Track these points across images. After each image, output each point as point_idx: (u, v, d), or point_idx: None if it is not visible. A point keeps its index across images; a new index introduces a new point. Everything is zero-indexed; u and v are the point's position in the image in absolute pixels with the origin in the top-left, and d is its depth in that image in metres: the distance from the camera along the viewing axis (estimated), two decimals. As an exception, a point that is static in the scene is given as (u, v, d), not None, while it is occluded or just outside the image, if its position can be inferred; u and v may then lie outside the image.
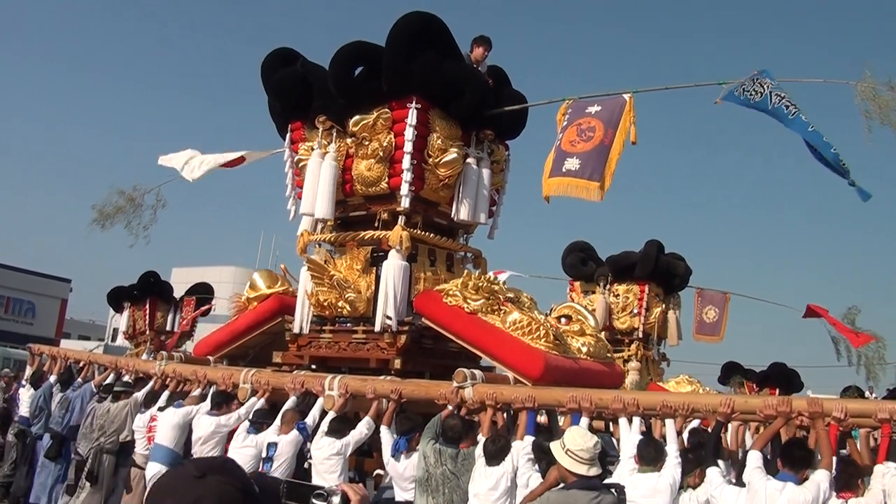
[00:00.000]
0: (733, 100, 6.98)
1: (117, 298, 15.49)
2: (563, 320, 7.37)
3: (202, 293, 15.61)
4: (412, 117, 7.48)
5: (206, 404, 7.26)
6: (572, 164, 7.04)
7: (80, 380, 9.28)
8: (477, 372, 6.35)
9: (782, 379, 15.42)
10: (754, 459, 4.71)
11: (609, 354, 7.51)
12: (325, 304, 7.71)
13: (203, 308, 14.52)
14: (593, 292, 14.27)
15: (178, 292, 15.68)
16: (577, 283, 14.76)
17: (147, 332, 14.84)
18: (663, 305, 14.46)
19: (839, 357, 15.50)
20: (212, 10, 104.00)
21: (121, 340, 16.37)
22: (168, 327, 15.11)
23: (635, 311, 14.06)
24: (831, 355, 15.30)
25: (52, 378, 9.62)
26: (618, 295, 14.09)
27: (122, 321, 15.48)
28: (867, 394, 16.45)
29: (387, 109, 7.65)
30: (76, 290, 35.26)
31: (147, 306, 14.88)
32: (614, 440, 5.46)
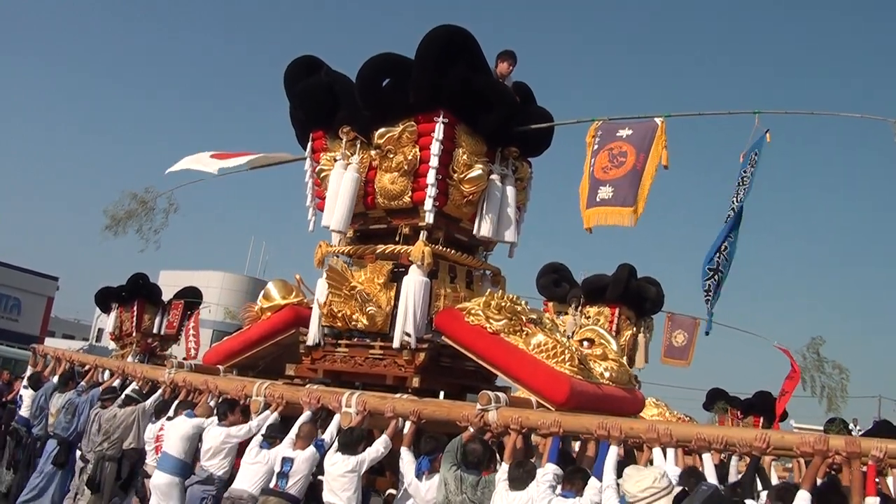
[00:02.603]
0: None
1: (105, 299, 15.28)
2: (585, 344, 7.28)
3: (191, 297, 15.43)
4: (438, 131, 7.38)
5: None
6: (606, 192, 6.99)
7: (83, 383, 9.03)
8: (501, 395, 6.20)
9: (767, 407, 15.51)
10: (804, 500, 4.49)
11: (631, 380, 7.43)
12: (339, 315, 7.54)
13: (196, 316, 14.35)
14: (566, 313, 14.25)
15: (166, 296, 15.51)
16: (550, 304, 14.73)
17: (134, 334, 14.64)
18: (634, 329, 14.47)
19: (804, 387, 15.83)
20: (213, 12, 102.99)
21: (106, 341, 16.12)
22: (155, 330, 14.91)
23: (605, 333, 14.01)
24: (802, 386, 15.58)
25: (55, 379, 9.39)
26: (589, 317, 14.03)
27: (108, 322, 15.26)
28: (851, 426, 16.66)
29: (413, 123, 7.54)
30: (61, 289, 35.01)
31: (135, 308, 14.67)
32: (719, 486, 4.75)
